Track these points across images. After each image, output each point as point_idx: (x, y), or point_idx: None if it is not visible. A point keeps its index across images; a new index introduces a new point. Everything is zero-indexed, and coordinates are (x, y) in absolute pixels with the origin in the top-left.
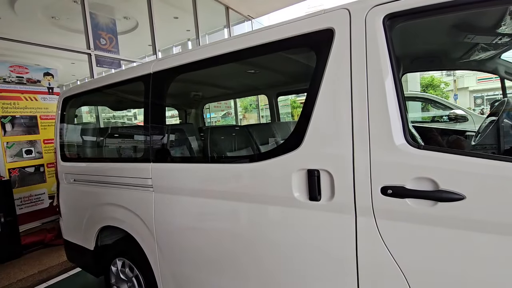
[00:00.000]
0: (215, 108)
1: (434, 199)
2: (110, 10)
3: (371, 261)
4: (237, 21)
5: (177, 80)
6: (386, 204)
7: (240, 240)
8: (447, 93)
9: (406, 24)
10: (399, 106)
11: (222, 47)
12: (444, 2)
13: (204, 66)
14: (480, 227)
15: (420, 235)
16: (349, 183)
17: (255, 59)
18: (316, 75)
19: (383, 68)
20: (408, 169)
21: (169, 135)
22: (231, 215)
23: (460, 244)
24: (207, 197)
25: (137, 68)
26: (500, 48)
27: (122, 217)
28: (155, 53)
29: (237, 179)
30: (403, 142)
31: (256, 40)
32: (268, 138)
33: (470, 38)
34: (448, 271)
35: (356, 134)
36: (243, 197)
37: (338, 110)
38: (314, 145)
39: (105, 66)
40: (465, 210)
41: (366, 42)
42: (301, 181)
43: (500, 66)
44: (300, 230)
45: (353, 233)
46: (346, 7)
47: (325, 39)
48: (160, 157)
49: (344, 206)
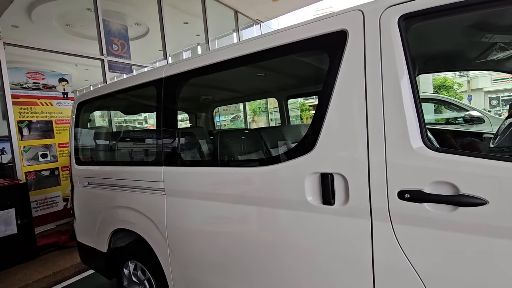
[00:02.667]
0: (224, 112)
1: (455, 204)
2: (122, 17)
3: (388, 267)
4: (246, 25)
5: (188, 84)
6: (403, 208)
7: (252, 244)
8: (460, 94)
9: (421, 25)
10: (416, 108)
11: (233, 51)
12: (461, 2)
13: (215, 70)
14: (504, 234)
15: (439, 240)
16: (364, 187)
17: (266, 62)
18: (329, 77)
19: (399, 69)
20: (427, 173)
21: (180, 138)
22: (243, 219)
23: (482, 251)
24: (219, 201)
25: (149, 73)
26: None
27: (135, 220)
28: (165, 58)
29: (248, 182)
30: (421, 145)
31: (267, 44)
32: (279, 142)
33: (488, 37)
34: (468, 279)
35: (371, 137)
36: (255, 200)
37: (352, 112)
38: (328, 148)
39: (117, 72)
40: (487, 216)
41: (381, 43)
42: (315, 185)
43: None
44: (313, 234)
45: (369, 238)
46: (359, 8)
47: (338, 41)
48: (171, 161)
49: (359, 211)
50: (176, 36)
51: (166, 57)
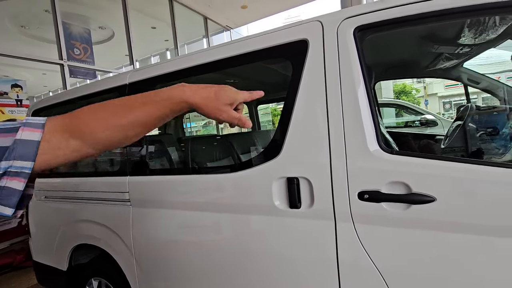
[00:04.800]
0: (195, 118)
1: (408, 202)
2: (85, 19)
3: (352, 265)
4: (216, 31)
5: None
6: (363, 208)
7: (223, 252)
8: (418, 99)
9: (376, 36)
10: (371, 113)
11: (199, 57)
12: (408, 16)
13: (180, 76)
14: (451, 228)
15: (395, 237)
16: (327, 189)
17: (233, 69)
18: (292, 84)
19: (355, 77)
20: (383, 174)
21: (147, 146)
22: (213, 227)
23: (433, 245)
24: (188, 209)
25: (112, 79)
26: (462, 57)
27: (98, 234)
28: (132, 63)
29: (218, 189)
30: (377, 148)
31: (234, 51)
32: (249, 147)
33: (435, 48)
34: (423, 272)
35: (333, 141)
36: (225, 207)
37: (314, 118)
38: (293, 153)
39: (79, 77)
40: (436, 212)
41: (339, 53)
42: (281, 189)
43: (463, 74)
44: (282, 238)
45: (333, 239)
46: (319, 19)
47: (300, 49)
48: (137, 170)
49: (323, 213)
50: (143, 40)
51: (133, 62)
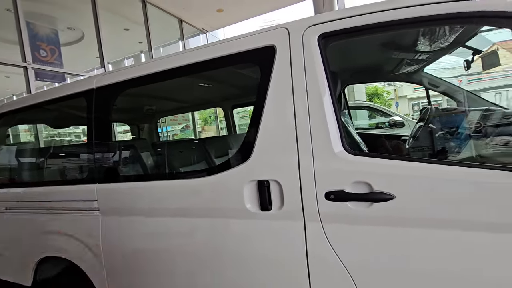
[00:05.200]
0: (172, 122)
1: (370, 200)
2: (51, 20)
3: (320, 263)
4: (192, 34)
5: (124, 95)
6: (330, 208)
7: (196, 257)
8: (389, 101)
9: (339, 42)
10: (336, 116)
11: (170, 62)
12: (367, 24)
13: (150, 81)
14: (410, 223)
15: (360, 234)
16: (296, 191)
17: (205, 73)
18: (261, 89)
19: (320, 82)
20: (347, 174)
21: (117, 152)
22: (186, 233)
23: (395, 240)
24: (160, 216)
25: (78, 84)
26: (422, 63)
27: (65, 245)
28: (103, 66)
29: (190, 195)
30: (341, 150)
31: (204, 56)
32: (224, 151)
33: (396, 54)
34: (386, 266)
35: (300, 144)
36: (197, 212)
37: (282, 122)
38: (263, 156)
39: (46, 80)
40: (395, 209)
41: (304, 58)
42: (253, 192)
43: (424, 78)
44: (254, 240)
45: (303, 238)
46: (285, 26)
47: (268, 55)
48: (106, 177)
49: (293, 214)
50: (116, 42)
51: (104, 65)
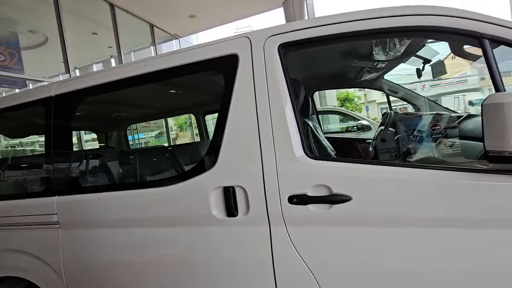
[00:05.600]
0: (144, 128)
1: (330, 203)
2: (10, 22)
3: (285, 266)
4: (164, 39)
5: (86, 102)
6: (293, 211)
7: (166, 268)
8: (360, 105)
9: (299, 52)
10: (296, 122)
11: (133, 69)
12: (323, 35)
13: (113, 88)
14: (367, 223)
15: (321, 236)
16: (261, 196)
17: (170, 80)
18: (225, 97)
19: (281, 90)
20: (308, 178)
21: (79, 162)
22: (154, 243)
23: (353, 239)
24: (125, 227)
25: (35, 91)
26: (380, 71)
27: (23, 263)
28: (68, 71)
29: (157, 204)
30: (302, 154)
31: (168, 63)
32: (192, 158)
33: (356, 63)
34: (347, 265)
35: (264, 150)
36: (165, 222)
37: (246, 129)
38: (228, 163)
39: (4, 86)
40: (353, 209)
41: (266, 67)
42: (219, 199)
43: (384, 85)
44: (221, 247)
45: (268, 243)
46: (247, 35)
47: (231, 63)
48: (67, 189)
49: (259, 219)
50: (84, 47)
51: (69, 70)
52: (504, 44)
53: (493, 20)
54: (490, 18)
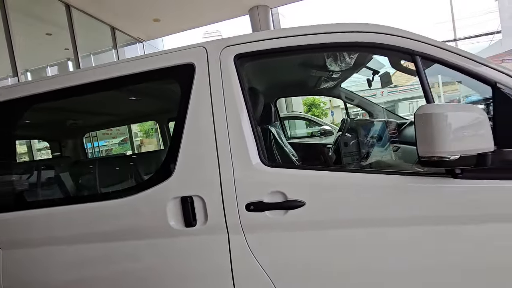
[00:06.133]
0: (105, 136)
1: (285, 208)
2: None
3: (244, 274)
4: (127, 42)
5: (33, 109)
6: (251, 219)
7: (123, 283)
8: (326, 111)
9: (255, 62)
10: (253, 130)
11: (84, 76)
12: (277, 48)
13: (62, 96)
14: (320, 226)
15: (278, 241)
16: (219, 205)
17: (126, 88)
18: (182, 105)
19: (237, 99)
20: (264, 185)
21: (25, 174)
22: (108, 258)
23: (309, 243)
24: (76, 244)
25: None
26: (336, 80)
27: None
28: (16, 74)
29: (111, 217)
30: (258, 162)
31: (124, 70)
32: (153, 167)
33: (313, 72)
34: (303, 269)
35: (221, 159)
36: (121, 235)
37: (203, 138)
38: (185, 172)
39: None
40: (307, 214)
41: (222, 77)
42: (176, 209)
43: (341, 93)
44: (180, 258)
45: (227, 251)
46: (203, 45)
47: (188, 72)
48: (6, 205)
49: (217, 227)
50: (36, 48)
51: (17, 73)
52: (431, 61)
53: (423, 39)
54: (421, 37)
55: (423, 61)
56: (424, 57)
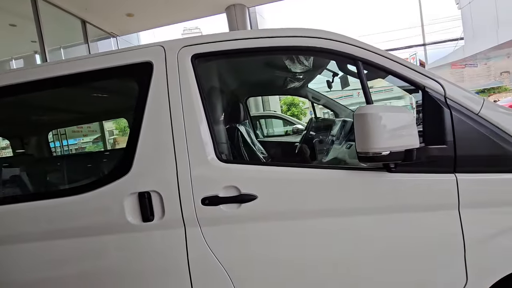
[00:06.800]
0: (75, 134)
1: (239, 202)
2: None
3: (201, 266)
4: (100, 36)
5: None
6: (206, 213)
7: (82, 281)
8: (305, 110)
9: (214, 62)
10: (208, 127)
11: (44, 71)
12: (233, 49)
13: (21, 91)
14: (273, 218)
15: (232, 233)
16: (176, 200)
17: (87, 85)
18: (140, 102)
19: (194, 98)
20: (219, 180)
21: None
22: (64, 255)
23: (262, 234)
24: (35, 241)
25: None
26: (300, 81)
27: None
28: None
29: (70, 213)
30: (214, 158)
31: (83, 67)
32: (113, 164)
33: (276, 73)
34: (256, 258)
35: (178, 154)
36: (79, 231)
37: (161, 134)
38: (143, 168)
39: None
40: (259, 207)
41: (179, 76)
42: (134, 205)
43: (308, 93)
44: (138, 252)
45: (184, 245)
46: (161, 44)
47: (146, 70)
48: None
49: (174, 222)
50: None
51: None
52: (370, 66)
53: (364, 45)
54: (363, 44)
55: (364, 66)
56: (365, 62)
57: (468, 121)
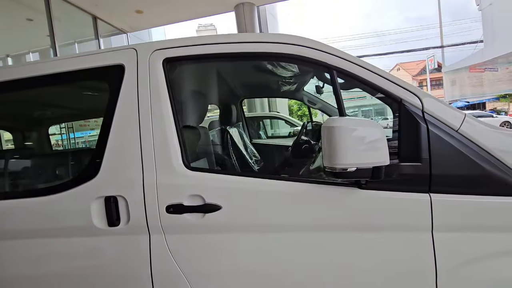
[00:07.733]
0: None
1: (203, 211)
2: None
3: (163, 274)
4: (111, 32)
5: None
6: (170, 221)
7: (44, 282)
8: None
9: (187, 67)
10: (177, 133)
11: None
12: (206, 54)
13: None
14: (237, 229)
15: (195, 244)
16: (141, 206)
17: (63, 85)
18: (110, 106)
19: (163, 103)
20: (184, 188)
21: None
22: (29, 256)
23: (225, 246)
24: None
25: None
26: (294, 84)
27: None
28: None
29: (36, 214)
30: (181, 165)
31: (58, 68)
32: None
33: (261, 77)
34: (221, 270)
35: (145, 160)
36: (40, 233)
37: (129, 138)
38: (110, 173)
39: None
40: (223, 218)
41: (150, 80)
42: (100, 209)
43: (304, 97)
44: (102, 257)
45: (147, 252)
46: (134, 47)
47: (117, 73)
48: None
49: (139, 228)
50: (17, 34)
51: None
52: (345, 75)
53: (340, 54)
54: (339, 52)
55: (339, 75)
56: (339, 71)
57: (446, 138)
